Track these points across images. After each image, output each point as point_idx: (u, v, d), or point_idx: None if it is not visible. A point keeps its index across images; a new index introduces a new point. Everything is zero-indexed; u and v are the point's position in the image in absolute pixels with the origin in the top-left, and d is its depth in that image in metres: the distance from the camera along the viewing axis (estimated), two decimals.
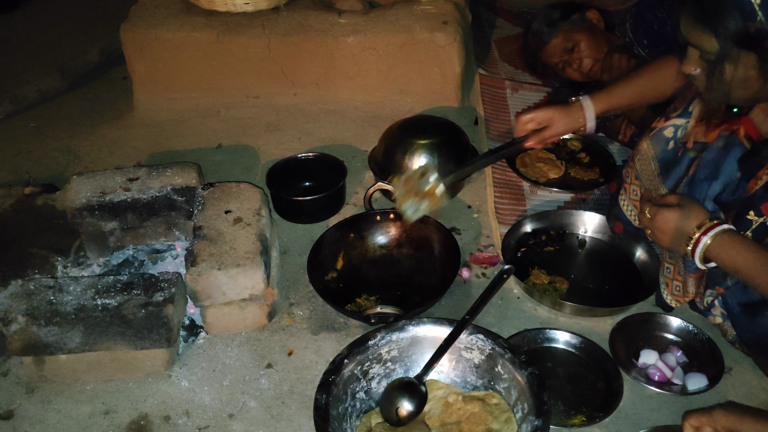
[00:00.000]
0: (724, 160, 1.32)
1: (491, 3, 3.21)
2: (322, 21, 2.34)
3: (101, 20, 3.12)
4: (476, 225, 1.88)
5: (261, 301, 1.55)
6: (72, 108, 2.54)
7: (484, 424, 1.26)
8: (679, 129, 1.38)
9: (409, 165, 1.86)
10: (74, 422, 1.38)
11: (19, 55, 2.93)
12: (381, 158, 1.96)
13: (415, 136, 1.90)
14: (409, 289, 1.67)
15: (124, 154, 2.24)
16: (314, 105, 2.42)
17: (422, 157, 1.86)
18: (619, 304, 1.56)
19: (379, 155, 1.98)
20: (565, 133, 1.64)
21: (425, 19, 2.33)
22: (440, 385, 1.36)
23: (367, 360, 1.33)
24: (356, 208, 1.95)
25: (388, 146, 1.94)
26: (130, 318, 1.41)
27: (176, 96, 2.44)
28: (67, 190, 1.70)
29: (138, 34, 2.33)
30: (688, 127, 1.43)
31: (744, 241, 1.23)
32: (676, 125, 1.38)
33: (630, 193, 1.59)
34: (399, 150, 1.90)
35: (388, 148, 1.94)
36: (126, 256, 1.74)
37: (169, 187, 1.71)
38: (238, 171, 2.14)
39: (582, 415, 1.35)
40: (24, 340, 1.39)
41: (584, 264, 1.73)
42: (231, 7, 2.36)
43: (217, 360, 1.51)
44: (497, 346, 1.32)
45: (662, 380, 1.41)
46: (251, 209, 1.63)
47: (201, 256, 1.50)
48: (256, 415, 1.39)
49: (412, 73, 2.35)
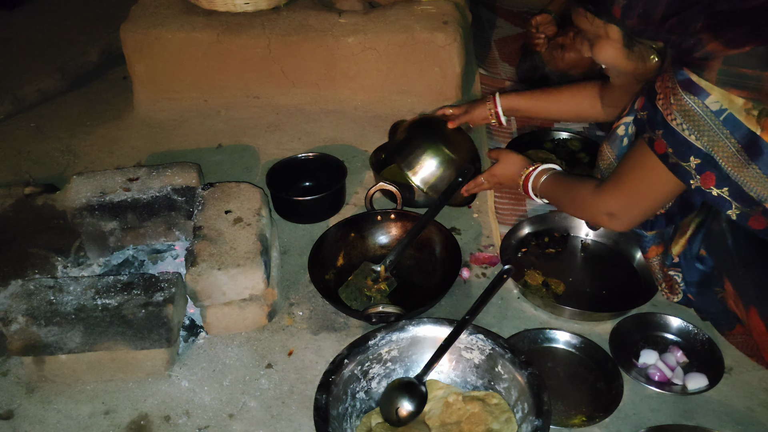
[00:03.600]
0: None
1: (491, 3, 3.21)
2: (322, 21, 2.34)
3: (101, 20, 3.12)
4: (476, 225, 1.88)
5: (261, 301, 1.55)
6: (72, 108, 2.54)
7: (484, 424, 1.26)
8: (629, 126, 1.45)
9: (423, 164, 1.79)
10: (74, 422, 1.38)
11: (19, 55, 2.93)
12: (397, 141, 1.86)
13: (444, 143, 1.82)
14: (410, 289, 1.67)
15: (124, 154, 2.24)
16: (314, 105, 2.42)
17: (434, 162, 1.79)
18: (617, 308, 1.55)
19: (400, 137, 1.87)
20: (478, 120, 1.89)
21: (425, 19, 2.33)
22: (440, 385, 1.36)
23: (367, 360, 1.33)
24: (356, 208, 1.95)
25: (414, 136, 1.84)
26: (130, 318, 1.41)
27: (176, 96, 2.44)
28: (67, 190, 1.70)
29: (138, 34, 2.33)
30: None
31: (554, 178, 1.59)
32: (626, 123, 1.45)
33: None
34: (424, 144, 1.80)
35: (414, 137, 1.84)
36: (126, 256, 1.74)
37: (169, 187, 1.71)
38: (238, 171, 2.14)
39: (582, 415, 1.35)
40: (24, 340, 1.39)
41: (584, 267, 1.73)
42: (231, 7, 2.36)
43: (217, 360, 1.51)
44: (497, 346, 1.32)
45: (662, 380, 1.41)
46: (251, 209, 1.63)
47: (201, 256, 1.50)
48: (256, 415, 1.39)
49: (412, 73, 2.35)
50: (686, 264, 1.47)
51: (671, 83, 1.22)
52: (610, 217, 1.43)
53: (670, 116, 1.23)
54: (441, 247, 1.71)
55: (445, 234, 1.71)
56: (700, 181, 1.24)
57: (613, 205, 1.41)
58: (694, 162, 1.23)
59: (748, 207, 1.23)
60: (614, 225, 1.44)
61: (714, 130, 1.19)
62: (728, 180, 1.21)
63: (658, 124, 1.26)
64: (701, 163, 1.22)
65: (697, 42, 1.18)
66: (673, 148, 1.25)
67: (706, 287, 1.46)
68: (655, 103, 1.26)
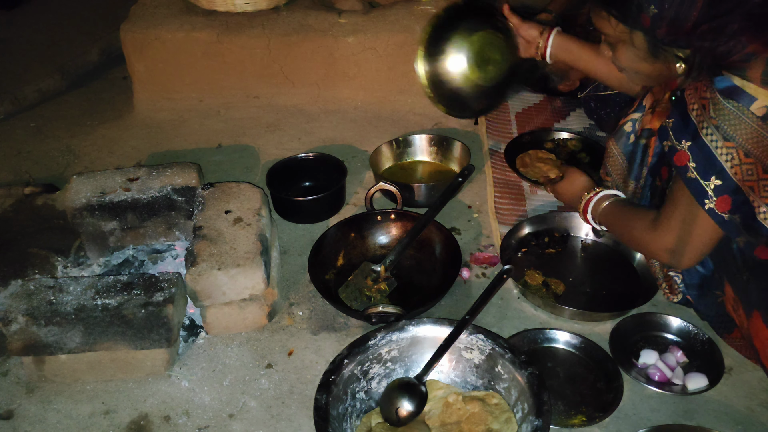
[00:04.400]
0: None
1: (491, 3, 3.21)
2: (322, 21, 2.34)
3: (101, 20, 3.12)
4: (476, 225, 1.88)
5: (261, 301, 1.55)
6: (72, 108, 2.54)
7: (484, 424, 1.26)
8: (636, 122, 1.45)
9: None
10: (74, 422, 1.38)
11: (19, 55, 2.93)
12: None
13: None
14: (410, 289, 1.67)
15: (124, 154, 2.24)
16: (314, 105, 2.42)
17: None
18: (617, 308, 1.55)
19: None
20: (523, 37, 1.73)
21: (425, 19, 2.32)
22: (440, 385, 1.36)
23: (367, 360, 1.33)
24: (356, 208, 1.95)
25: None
26: (130, 318, 1.41)
27: (176, 96, 2.44)
28: (67, 190, 1.70)
29: (138, 34, 2.33)
30: (643, 119, 1.52)
31: (612, 207, 1.51)
32: (633, 119, 1.45)
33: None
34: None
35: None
36: (126, 256, 1.74)
37: (169, 187, 1.71)
38: (238, 171, 2.14)
39: (582, 415, 1.35)
40: (24, 340, 1.39)
41: (585, 267, 1.73)
42: (231, 7, 2.36)
43: (217, 360, 1.51)
44: (497, 346, 1.32)
45: (662, 380, 1.41)
46: (251, 209, 1.63)
47: (201, 256, 1.50)
48: (256, 415, 1.39)
49: (412, 73, 2.33)
50: None
51: (710, 93, 1.18)
52: (671, 255, 1.35)
53: (705, 130, 1.18)
54: (441, 247, 1.71)
55: (445, 234, 1.71)
56: (715, 204, 1.20)
57: (670, 242, 1.33)
58: (714, 182, 1.19)
59: (754, 238, 1.20)
60: (677, 262, 1.36)
61: (760, 138, 1.14)
62: (744, 207, 1.18)
63: (687, 135, 1.22)
64: (722, 185, 1.19)
65: (736, 44, 1.14)
66: (696, 162, 1.21)
67: (706, 290, 1.45)
68: (687, 113, 1.22)
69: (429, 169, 2.10)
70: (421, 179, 2.05)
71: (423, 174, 2.08)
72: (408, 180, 2.02)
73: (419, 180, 2.04)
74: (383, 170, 2.05)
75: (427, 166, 2.11)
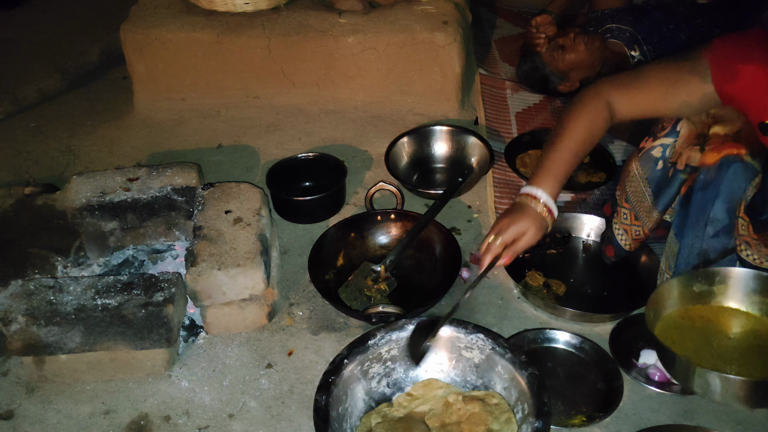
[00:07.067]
0: (723, 180, 1.32)
1: (491, 3, 3.21)
2: (322, 21, 2.34)
3: (101, 20, 3.12)
4: (476, 225, 1.88)
5: (261, 301, 1.54)
6: (72, 108, 2.54)
7: (484, 424, 1.26)
8: (668, 148, 1.37)
9: None
10: (74, 422, 1.38)
11: (19, 55, 2.93)
12: None
13: None
14: (410, 289, 1.67)
15: (124, 154, 2.24)
16: (314, 105, 2.42)
17: None
18: (618, 309, 1.55)
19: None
20: (539, 238, 1.38)
21: (425, 19, 2.33)
22: (440, 385, 1.36)
23: (366, 360, 1.33)
24: (356, 208, 1.95)
25: None
26: (130, 318, 1.41)
27: (176, 96, 2.44)
28: (67, 190, 1.70)
29: (138, 34, 2.33)
30: (676, 146, 1.43)
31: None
32: (665, 144, 1.37)
33: (621, 216, 1.59)
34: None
35: None
36: (126, 256, 1.74)
37: (169, 187, 1.71)
38: (238, 171, 2.14)
39: (582, 415, 1.35)
40: (24, 340, 1.39)
41: (586, 268, 1.73)
42: (231, 7, 2.36)
43: (217, 360, 1.51)
44: (497, 346, 1.32)
45: (662, 380, 1.41)
46: (251, 209, 1.63)
47: (201, 256, 1.50)
48: (256, 415, 1.39)
49: (412, 73, 2.35)
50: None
51: None
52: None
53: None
54: (441, 247, 1.71)
55: (445, 234, 1.71)
56: None
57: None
58: None
59: None
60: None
61: None
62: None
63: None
64: None
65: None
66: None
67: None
68: None
69: None
70: None
71: None
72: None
73: None
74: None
75: None
